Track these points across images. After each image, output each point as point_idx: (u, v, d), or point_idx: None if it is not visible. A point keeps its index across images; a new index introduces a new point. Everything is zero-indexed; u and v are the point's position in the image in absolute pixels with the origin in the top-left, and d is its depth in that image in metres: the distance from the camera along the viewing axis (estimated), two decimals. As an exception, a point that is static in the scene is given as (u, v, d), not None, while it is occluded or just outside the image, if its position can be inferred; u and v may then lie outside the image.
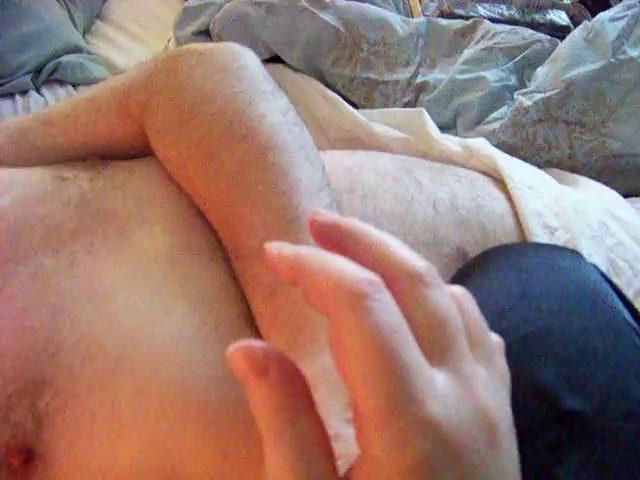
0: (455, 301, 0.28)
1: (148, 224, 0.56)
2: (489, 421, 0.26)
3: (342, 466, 0.26)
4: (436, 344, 0.26)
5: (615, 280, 0.71)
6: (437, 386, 0.25)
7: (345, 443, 0.30)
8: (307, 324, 0.44)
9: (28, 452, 0.46)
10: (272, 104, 0.58)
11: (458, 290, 0.30)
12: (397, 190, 0.71)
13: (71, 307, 0.50)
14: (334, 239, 0.28)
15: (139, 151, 0.64)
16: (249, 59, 0.62)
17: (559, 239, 0.73)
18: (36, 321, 0.49)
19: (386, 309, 0.25)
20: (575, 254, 0.59)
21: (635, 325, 0.50)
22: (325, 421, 0.27)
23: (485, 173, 0.82)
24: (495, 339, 0.31)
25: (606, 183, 0.93)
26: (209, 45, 0.63)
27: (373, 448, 0.24)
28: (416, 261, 0.27)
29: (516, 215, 0.74)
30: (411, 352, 0.25)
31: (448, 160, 0.88)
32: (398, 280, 0.27)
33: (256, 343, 0.26)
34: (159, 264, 0.53)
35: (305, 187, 0.51)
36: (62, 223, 0.54)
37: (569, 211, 0.75)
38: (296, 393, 0.26)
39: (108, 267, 0.53)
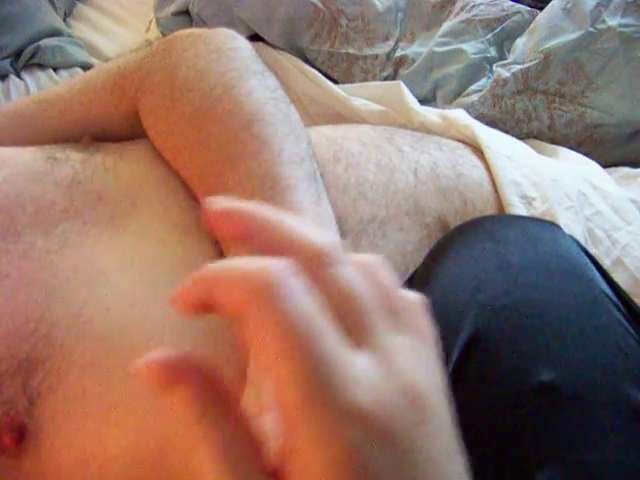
0: (364, 271, 0.28)
1: (138, 206, 0.57)
2: (416, 395, 0.25)
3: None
4: (351, 323, 0.25)
5: (592, 250, 0.71)
6: (359, 370, 0.24)
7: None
8: None
9: (20, 430, 0.47)
10: (261, 81, 0.60)
11: (364, 258, 0.29)
12: (379, 158, 0.72)
13: (64, 287, 0.50)
14: (235, 224, 0.27)
15: (131, 132, 0.66)
16: (241, 42, 0.65)
17: (537, 209, 0.73)
18: (28, 300, 0.49)
19: (297, 295, 0.23)
20: (553, 226, 0.59)
21: (612, 297, 0.51)
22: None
23: (465, 142, 0.82)
24: (413, 299, 0.29)
25: (586, 153, 0.93)
26: (204, 29, 0.66)
27: (300, 443, 0.23)
28: (318, 239, 0.26)
29: (494, 184, 0.74)
30: (328, 338, 0.24)
31: (427, 130, 0.88)
32: (305, 262, 0.25)
33: (162, 355, 0.25)
34: (149, 246, 0.54)
35: (287, 157, 0.53)
36: (53, 203, 0.55)
37: (547, 181, 0.75)
38: (216, 399, 0.25)
39: (100, 248, 0.53)
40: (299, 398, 0.23)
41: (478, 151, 0.79)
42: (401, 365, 0.25)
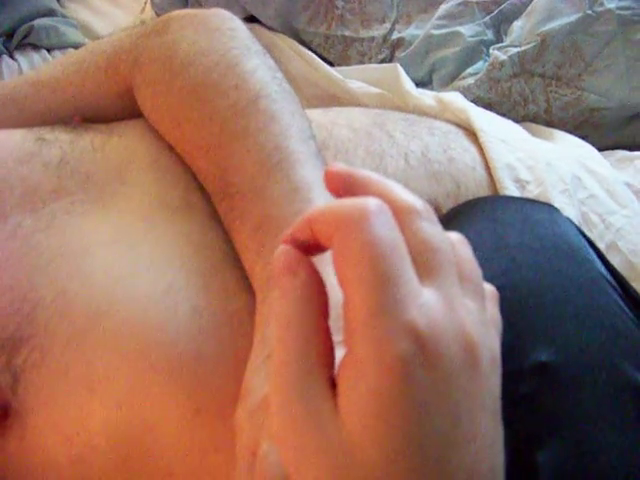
0: (450, 240, 0.31)
1: (126, 185, 0.57)
2: (469, 343, 0.28)
3: None
4: (426, 266, 0.28)
5: (587, 233, 0.71)
6: (423, 298, 0.27)
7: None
8: None
9: (4, 408, 0.47)
10: (263, 61, 0.60)
11: (454, 234, 0.32)
12: (369, 144, 0.72)
13: (49, 266, 0.50)
14: (345, 186, 0.30)
15: (123, 112, 0.66)
16: (238, 23, 0.65)
17: (531, 192, 0.73)
18: (13, 280, 0.50)
19: (388, 226, 0.27)
20: (550, 207, 0.60)
21: (609, 278, 0.51)
22: None
23: (458, 126, 0.82)
24: (488, 287, 0.33)
25: (583, 137, 0.92)
26: (200, 10, 0.66)
27: (356, 346, 0.26)
28: (415, 199, 0.30)
29: (488, 167, 0.74)
30: (403, 264, 0.27)
31: (422, 114, 0.87)
32: (398, 213, 0.29)
33: (295, 249, 0.30)
34: (136, 223, 0.54)
35: (295, 132, 0.53)
36: (42, 183, 0.55)
37: (541, 164, 0.75)
38: (313, 298, 0.29)
39: (86, 227, 0.54)
40: (366, 303, 0.26)
41: (472, 135, 0.80)
42: (461, 314, 0.28)
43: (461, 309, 0.28)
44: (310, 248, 0.30)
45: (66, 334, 0.48)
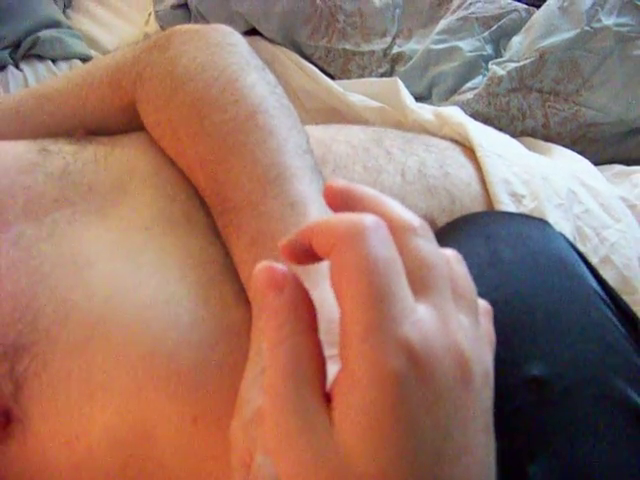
0: (446, 257, 0.31)
1: (128, 196, 0.58)
2: (462, 358, 0.28)
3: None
4: (421, 282, 0.29)
5: (581, 247, 0.72)
6: (417, 314, 0.27)
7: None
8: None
9: (6, 415, 0.48)
10: (263, 76, 0.61)
11: (450, 251, 0.33)
12: (367, 160, 0.73)
13: (51, 275, 0.51)
14: (344, 201, 0.31)
15: (126, 126, 0.67)
16: (239, 39, 0.65)
17: (526, 207, 0.73)
18: (16, 288, 0.50)
19: (384, 242, 0.27)
20: (543, 223, 0.60)
21: (601, 293, 0.51)
22: None
23: (456, 141, 0.83)
24: (482, 303, 0.34)
25: (580, 152, 0.93)
26: (201, 25, 0.67)
27: (352, 361, 0.27)
28: (412, 217, 0.30)
29: (483, 182, 0.75)
30: (399, 281, 0.27)
31: (421, 128, 0.88)
32: (395, 230, 0.29)
33: (279, 265, 0.30)
34: (137, 234, 0.55)
35: (292, 147, 0.54)
36: (44, 193, 0.56)
37: (537, 179, 0.76)
38: (302, 313, 0.29)
39: (88, 237, 0.54)
40: (361, 318, 0.26)
41: (469, 151, 0.80)
42: (454, 329, 0.28)
43: (455, 325, 0.28)
44: (307, 256, 0.31)
45: (67, 343, 0.49)
